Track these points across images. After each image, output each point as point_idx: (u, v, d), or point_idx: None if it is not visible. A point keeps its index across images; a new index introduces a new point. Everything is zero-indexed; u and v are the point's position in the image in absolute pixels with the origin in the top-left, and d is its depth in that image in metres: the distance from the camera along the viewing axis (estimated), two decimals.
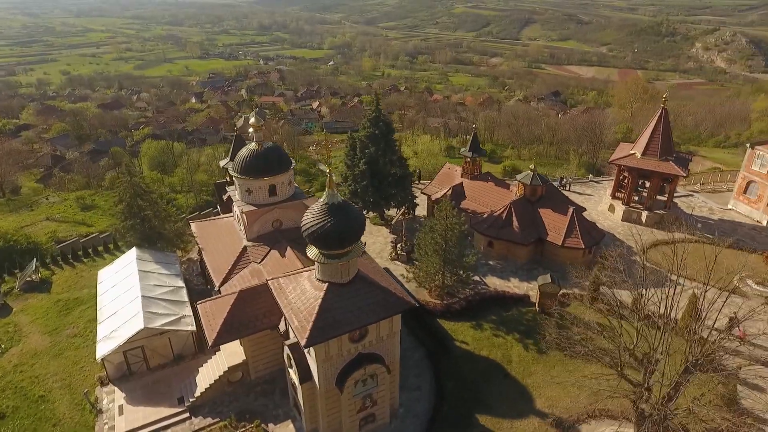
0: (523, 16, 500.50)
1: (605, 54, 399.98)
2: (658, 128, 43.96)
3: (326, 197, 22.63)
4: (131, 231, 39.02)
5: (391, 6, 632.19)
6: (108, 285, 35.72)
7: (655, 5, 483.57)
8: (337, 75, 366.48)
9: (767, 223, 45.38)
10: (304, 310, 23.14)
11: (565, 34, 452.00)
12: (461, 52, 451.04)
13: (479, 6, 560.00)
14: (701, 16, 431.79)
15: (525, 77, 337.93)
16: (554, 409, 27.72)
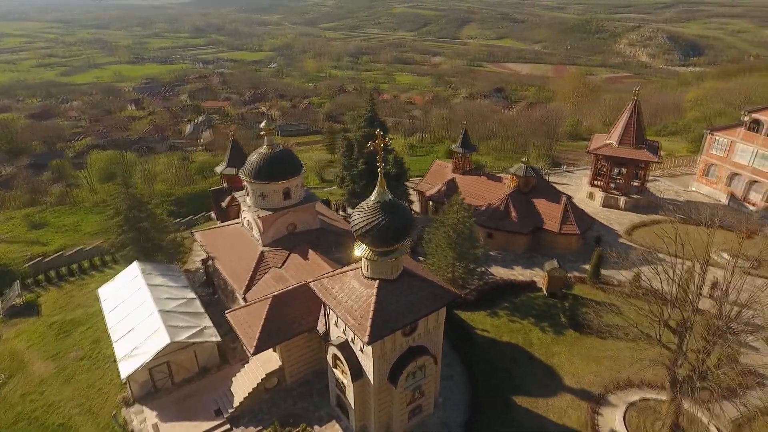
0: (460, 16, 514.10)
1: (539, 51, 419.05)
2: (631, 119, 47.46)
3: (377, 195, 23.13)
4: (131, 244, 37.37)
5: (330, 7, 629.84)
6: (114, 302, 34.09)
7: (581, 4, 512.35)
8: (281, 77, 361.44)
9: (727, 201, 50.15)
10: (358, 309, 23.46)
11: (501, 32, 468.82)
12: (403, 51, 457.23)
13: (418, 6, 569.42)
14: (624, 14, 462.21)
15: (467, 75, 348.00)
16: (581, 384, 29.59)
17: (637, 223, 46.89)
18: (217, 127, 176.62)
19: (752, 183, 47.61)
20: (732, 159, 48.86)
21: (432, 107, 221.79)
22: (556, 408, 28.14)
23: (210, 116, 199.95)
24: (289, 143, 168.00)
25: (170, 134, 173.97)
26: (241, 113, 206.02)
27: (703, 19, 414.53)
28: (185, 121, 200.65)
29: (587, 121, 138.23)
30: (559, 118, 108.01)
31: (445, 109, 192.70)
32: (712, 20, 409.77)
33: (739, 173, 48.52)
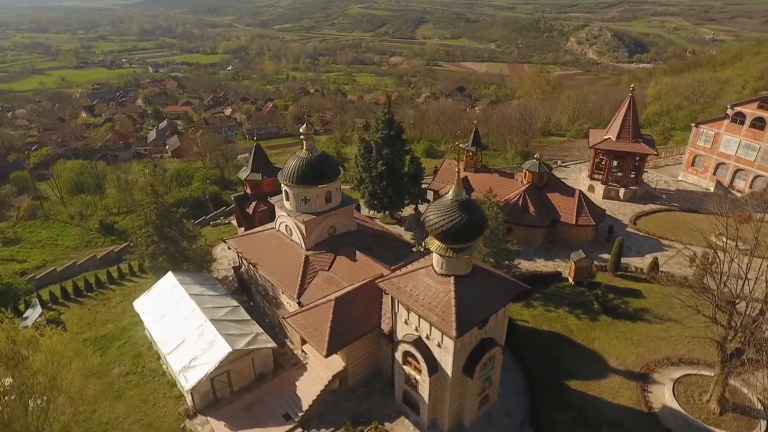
0: (415, 16, 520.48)
1: (494, 50, 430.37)
2: (628, 114, 50.48)
3: (454, 194, 24.05)
4: (163, 254, 36.58)
5: (283, 8, 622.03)
6: (156, 315, 33.37)
7: (530, 4, 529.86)
8: (239, 80, 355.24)
9: (714, 189, 54.20)
10: (438, 306, 24.31)
11: (457, 32, 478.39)
12: (361, 52, 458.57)
13: (372, 6, 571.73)
14: (571, 13, 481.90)
15: (427, 75, 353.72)
16: (625, 366, 31.57)
17: (639, 213, 49.97)
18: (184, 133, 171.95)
19: (737, 171, 51.78)
20: (718, 150, 52.93)
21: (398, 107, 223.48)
22: (608, 389, 29.98)
23: (173, 122, 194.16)
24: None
25: (134, 141, 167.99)
26: (205, 118, 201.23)
27: (645, 18, 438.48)
28: (147, 127, 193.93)
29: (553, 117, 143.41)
30: (533, 115, 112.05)
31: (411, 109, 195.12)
32: (653, 19, 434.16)
33: (724, 163, 52.65)
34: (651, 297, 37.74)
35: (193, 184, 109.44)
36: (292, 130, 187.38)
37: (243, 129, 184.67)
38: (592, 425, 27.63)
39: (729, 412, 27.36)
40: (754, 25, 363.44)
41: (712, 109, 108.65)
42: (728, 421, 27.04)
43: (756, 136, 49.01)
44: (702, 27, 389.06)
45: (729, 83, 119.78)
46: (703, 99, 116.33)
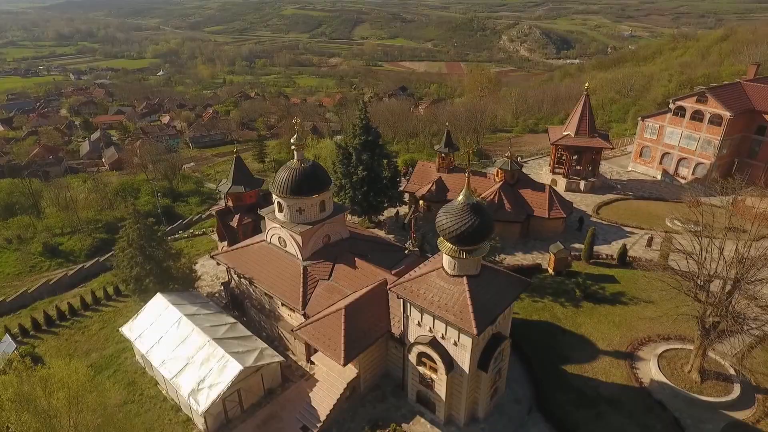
0: (352, 16, 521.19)
1: (431, 49, 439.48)
2: (585, 112, 53.96)
3: (465, 198, 25.13)
4: (149, 276, 35.17)
5: (214, 9, 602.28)
6: (151, 338, 32.13)
7: (462, 3, 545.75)
8: (172, 85, 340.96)
9: (662, 177, 59.08)
10: (454, 306, 25.32)
11: (393, 32, 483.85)
12: (299, 53, 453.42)
13: (308, 7, 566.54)
14: (501, 12, 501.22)
15: (368, 75, 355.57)
16: (612, 346, 34.05)
17: (600, 203, 53.62)
18: (120, 144, 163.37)
19: (680, 160, 56.79)
20: (663, 141, 57.75)
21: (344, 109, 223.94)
22: (600, 369, 32.30)
23: (106, 132, 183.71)
24: (205, 155, 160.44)
25: (64, 155, 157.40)
26: (142, 127, 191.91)
27: (569, 16, 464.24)
28: (77, 139, 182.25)
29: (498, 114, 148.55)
30: (482, 113, 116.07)
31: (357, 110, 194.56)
32: (576, 17, 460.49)
33: (669, 152, 57.56)
34: (624, 281, 40.84)
35: (141, 198, 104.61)
36: (238, 137, 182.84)
37: (185, 137, 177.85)
38: (592, 404, 29.72)
39: (709, 380, 30.43)
40: (665, 22, 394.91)
41: (642, 101, 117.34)
42: (709, 388, 30.03)
43: (696, 128, 54.03)
44: (620, 24, 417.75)
45: (654, 77, 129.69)
46: (633, 93, 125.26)
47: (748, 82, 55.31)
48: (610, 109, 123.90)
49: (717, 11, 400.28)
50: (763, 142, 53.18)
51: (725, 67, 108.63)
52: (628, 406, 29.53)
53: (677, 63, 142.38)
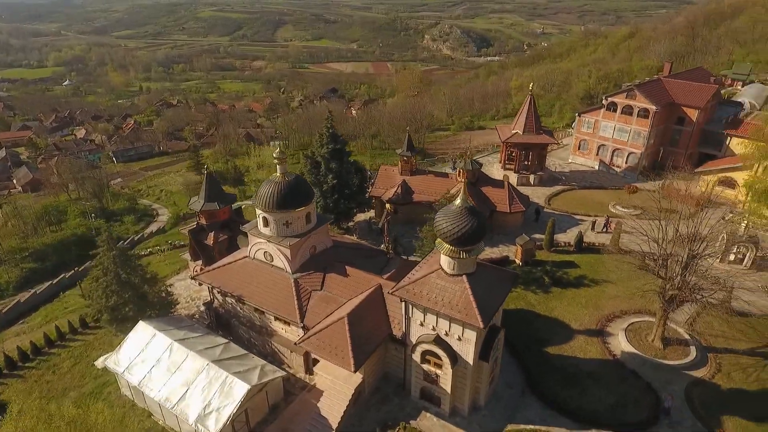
0: (273, 18, 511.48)
1: (357, 50, 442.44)
2: (530, 110, 57.89)
3: (462, 202, 26.80)
4: (128, 305, 33.71)
5: (122, 12, 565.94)
6: (143, 369, 30.93)
7: (384, 3, 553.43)
8: (82, 96, 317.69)
9: (599, 167, 64.64)
10: (458, 303, 26.95)
11: (317, 33, 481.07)
12: (220, 57, 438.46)
13: (226, 9, 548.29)
14: (422, 12, 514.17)
15: (295, 78, 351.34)
16: (584, 325, 37.36)
17: (550, 195, 57.82)
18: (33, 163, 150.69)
19: (615, 150, 62.51)
20: (598, 134, 63.23)
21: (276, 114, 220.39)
22: (577, 348, 35.40)
23: (13, 151, 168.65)
24: (132, 170, 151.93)
25: None
26: (55, 143, 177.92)
27: (486, 15, 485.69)
28: None
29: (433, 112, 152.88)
30: (421, 112, 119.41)
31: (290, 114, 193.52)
32: (492, 15, 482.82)
33: (604, 144, 63.14)
34: (583, 265, 44.68)
35: (70, 221, 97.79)
36: (166, 148, 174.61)
37: (107, 151, 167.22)
38: (576, 381, 32.61)
39: (670, 346, 34.42)
40: (572, 19, 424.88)
41: (565, 96, 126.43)
42: (671, 353, 33.98)
43: (626, 121, 59.78)
44: (533, 22, 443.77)
45: (572, 73, 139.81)
46: (555, 88, 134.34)
47: (666, 79, 62.06)
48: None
49: (617, 9, 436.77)
50: (682, 132, 59.99)
51: (635, 62, 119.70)
52: (606, 378, 32.72)
53: (591, 59, 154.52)
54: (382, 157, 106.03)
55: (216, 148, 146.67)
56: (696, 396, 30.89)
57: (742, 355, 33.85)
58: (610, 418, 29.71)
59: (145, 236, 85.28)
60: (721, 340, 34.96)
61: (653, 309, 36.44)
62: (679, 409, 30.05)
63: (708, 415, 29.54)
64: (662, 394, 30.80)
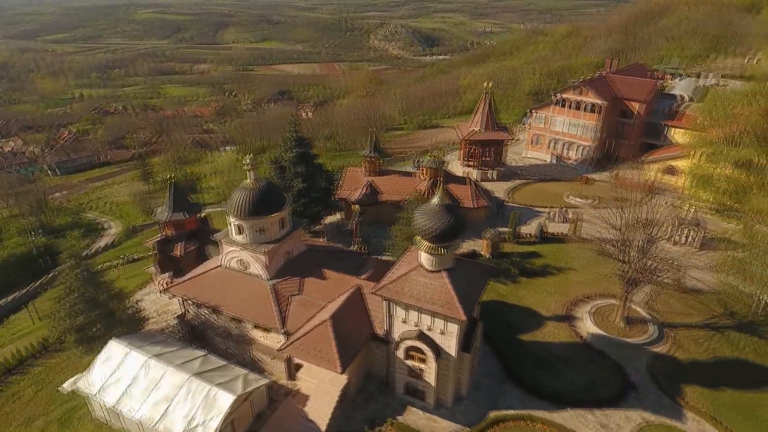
0: (215, 20, 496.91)
1: (304, 51, 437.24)
2: (487, 108, 59.77)
3: (439, 200, 27.63)
4: (97, 323, 32.32)
5: (52, 15, 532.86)
6: (118, 389, 29.77)
7: (330, 4, 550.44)
8: (7, 105, 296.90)
9: (551, 160, 67.62)
10: (439, 298, 27.75)
11: (263, 34, 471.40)
12: (161, 61, 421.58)
13: (164, 11, 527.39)
14: (368, 12, 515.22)
15: (242, 80, 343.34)
16: (552, 311, 39.26)
17: (509, 189, 59.97)
18: None
19: (567, 144, 65.61)
20: (550, 128, 66.16)
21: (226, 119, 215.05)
22: (548, 333, 37.17)
23: None
24: (73, 182, 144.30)
25: None
26: None
27: (430, 15, 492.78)
28: None
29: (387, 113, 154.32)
30: (377, 113, 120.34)
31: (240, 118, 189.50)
32: (437, 15, 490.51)
33: (557, 138, 66.14)
34: (546, 254, 46.81)
35: (10, 239, 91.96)
36: (109, 158, 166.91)
37: (43, 164, 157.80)
38: (549, 364, 34.26)
39: (631, 325, 36.80)
40: (514, 18, 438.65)
41: (514, 93, 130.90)
42: (632, 332, 36.37)
43: (576, 116, 62.96)
44: (477, 21, 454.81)
45: (518, 71, 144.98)
46: (504, 86, 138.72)
47: (610, 75, 65.82)
48: None
49: (555, 8, 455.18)
50: (626, 124, 63.85)
51: (576, 59, 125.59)
52: (577, 360, 34.61)
53: (535, 57, 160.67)
54: (340, 159, 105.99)
55: (164, 155, 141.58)
56: (658, 369, 33.24)
57: (695, 328, 36.70)
58: (583, 396, 31.51)
59: (96, 252, 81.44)
60: (676, 317, 37.71)
61: (615, 292, 38.90)
62: (643, 383, 32.25)
63: (670, 386, 31.90)
64: (629, 370, 32.94)
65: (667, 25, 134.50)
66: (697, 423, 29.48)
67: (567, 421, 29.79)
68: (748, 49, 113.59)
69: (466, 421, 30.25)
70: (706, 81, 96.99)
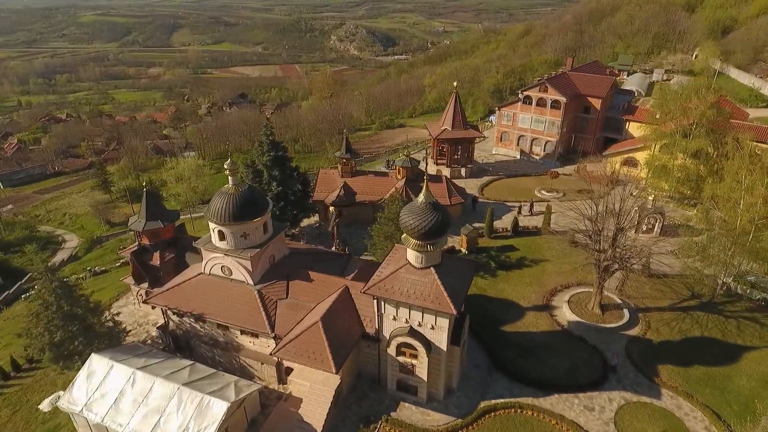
0: (167, 22, 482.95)
1: (262, 53, 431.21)
2: (457, 107, 61.01)
3: (425, 198, 28.25)
4: (77, 338, 31.18)
5: None
6: (104, 404, 28.85)
7: (286, 5, 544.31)
8: None
9: (520, 156, 69.66)
10: (430, 294, 28.35)
11: (217, 36, 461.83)
12: (111, 65, 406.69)
13: (110, 13, 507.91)
14: (325, 12, 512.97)
15: (198, 84, 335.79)
16: (531, 302, 40.58)
17: (481, 185, 61.42)
18: None
19: (533, 140, 67.78)
20: (517, 125, 68.15)
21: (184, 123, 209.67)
22: (529, 323, 38.46)
23: None
24: (23, 194, 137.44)
25: None
26: None
27: (388, 15, 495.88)
28: None
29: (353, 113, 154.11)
30: (343, 114, 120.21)
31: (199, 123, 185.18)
32: (394, 15, 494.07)
33: (523, 135, 68.21)
34: (521, 248, 48.29)
35: None
36: (61, 167, 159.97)
37: None
38: (532, 353, 35.49)
39: (607, 311, 38.57)
40: (469, 18, 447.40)
41: (477, 91, 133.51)
42: (608, 318, 38.10)
43: (541, 112, 65.13)
44: (434, 21, 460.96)
45: (479, 69, 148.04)
46: (467, 84, 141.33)
47: (571, 72, 68.45)
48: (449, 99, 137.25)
49: (508, 7, 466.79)
50: (589, 119, 66.60)
51: (534, 57, 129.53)
52: (558, 347, 35.98)
53: (494, 56, 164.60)
54: (307, 161, 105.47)
55: (121, 163, 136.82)
56: (634, 352, 35.05)
57: (665, 311, 38.87)
58: (568, 381, 32.85)
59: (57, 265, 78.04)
60: (647, 301, 39.80)
61: (589, 280, 40.68)
62: (622, 365, 33.94)
63: (646, 367, 33.71)
64: (608, 354, 34.58)
65: (617, 23, 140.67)
66: (672, 398, 31.31)
67: (554, 406, 31.01)
68: (689, 45, 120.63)
69: (459, 412, 30.99)
70: (654, 77, 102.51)
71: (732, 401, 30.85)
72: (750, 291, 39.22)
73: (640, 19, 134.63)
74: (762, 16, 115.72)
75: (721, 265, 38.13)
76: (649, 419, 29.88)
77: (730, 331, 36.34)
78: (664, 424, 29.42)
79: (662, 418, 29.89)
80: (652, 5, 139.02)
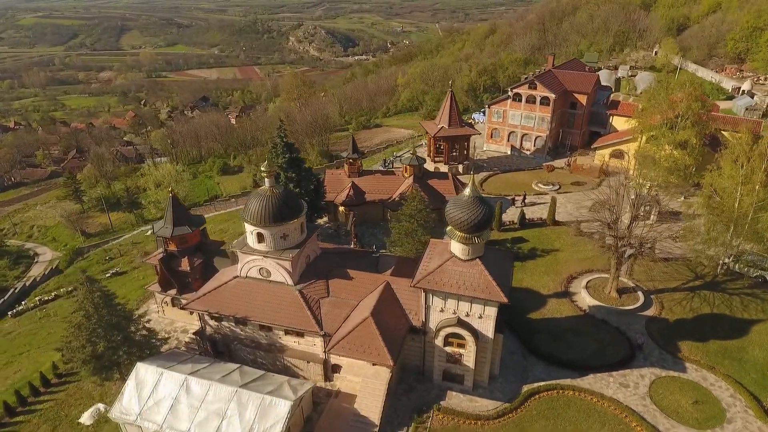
0: (115, 24, 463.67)
1: (219, 55, 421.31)
2: (452, 106, 62.49)
3: (472, 192, 29.30)
4: (121, 348, 30.47)
5: None
6: (161, 411, 28.45)
7: (240, 5, 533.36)
8: None
9: (510, 152, 72.03)
10: (479, 285, 29.51)
11: (170, 38, 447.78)
12: (58, 70, 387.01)
13: (53, 15, 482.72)
14: (282, 13, 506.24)
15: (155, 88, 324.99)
16: (551, 290, 42.50)
17: (479, 181, 63.17)
18: None
19: (523, 136, 70.29)
20: (507, 122, 70.47)
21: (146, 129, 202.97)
22: (553, 309, 40.33)
23: None
24: None
25: None
26: None
27: (346, 15, 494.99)
28: None
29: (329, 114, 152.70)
30: (325, 116, 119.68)
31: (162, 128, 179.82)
32: (353, 15, 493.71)
33: (514, 131, 70.61)
34: (531, 239, 50.27)
35: None
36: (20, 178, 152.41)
37: None
38: (561, 337, 37.34)
39: (623, 294, 40.95)
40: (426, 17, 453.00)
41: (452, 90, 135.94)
42: (625, 300, 40.47)
43: (531, 109, 67.67)
44: (392, 21, 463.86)
45: (450, 68, 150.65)
46: (440, 84, 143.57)
47: (556, 70, 71.41)
48: (423, 99, 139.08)
49: (464, 7, 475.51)
50: (576, 115, 69.78)
51: (504, 56, 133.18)
52: (584, 330, 37.97)
53: (461, 55, 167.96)
54: None
55: (85, 171, 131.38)
56: (654, 331, 37.46)
57: (674, 292, 41.60)
58: (598, 361, 34.81)
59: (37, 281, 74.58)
60: (657, 283, 42.43)
61: (599, 266, 43.08)
62: (645, 344, 36.25)
63: (668, 344, 36.14)
64: (632, 335, 36.81)
65: (579, 22, 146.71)
66: (697, 371, 33.81)
67: (592, 385, 32.85)
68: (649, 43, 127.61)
69: (504, 397, 32.35)
70: (620, 73, 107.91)
71: (750, 370, 33.62)
72: (748, 270, 42.55)
73: (600, 18, 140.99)
74: (712, 14, 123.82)
75: (722, 246, 41.15)
76: (680, 391, 32.18)
77: (736, 307, 39.39)
78: (695, 395, 31.78)
79: (692, 390, 32.26)
80: (611, 4, 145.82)
